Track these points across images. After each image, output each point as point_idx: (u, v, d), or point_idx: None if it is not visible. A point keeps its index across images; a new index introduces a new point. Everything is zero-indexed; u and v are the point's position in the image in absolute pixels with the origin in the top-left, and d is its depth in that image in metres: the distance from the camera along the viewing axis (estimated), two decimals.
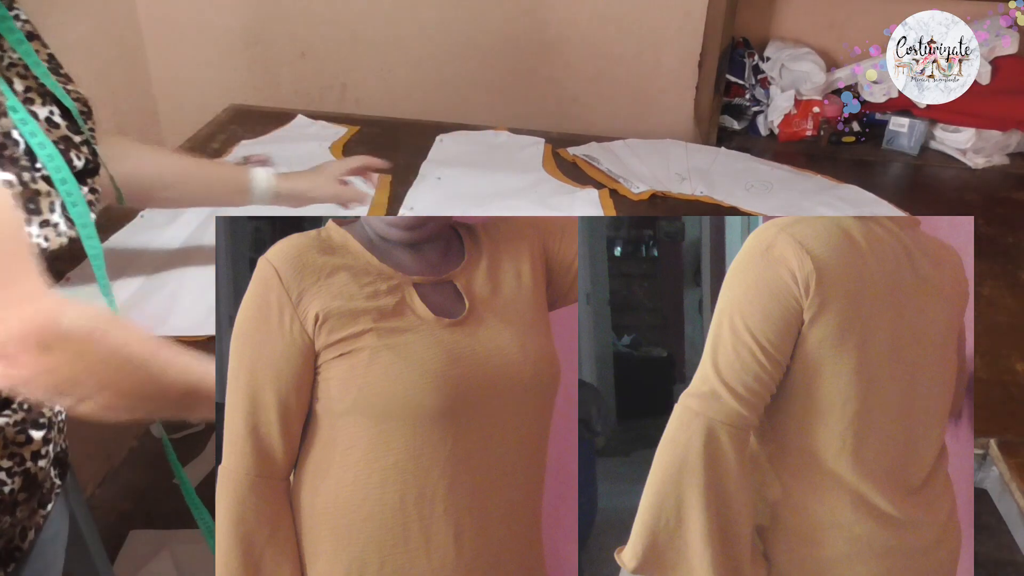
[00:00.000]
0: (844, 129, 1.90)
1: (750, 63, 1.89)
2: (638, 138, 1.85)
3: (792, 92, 1.86)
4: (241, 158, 1.35)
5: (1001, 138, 1.84)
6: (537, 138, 1.82)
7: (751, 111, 1.93)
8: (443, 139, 1.81)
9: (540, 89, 2.00)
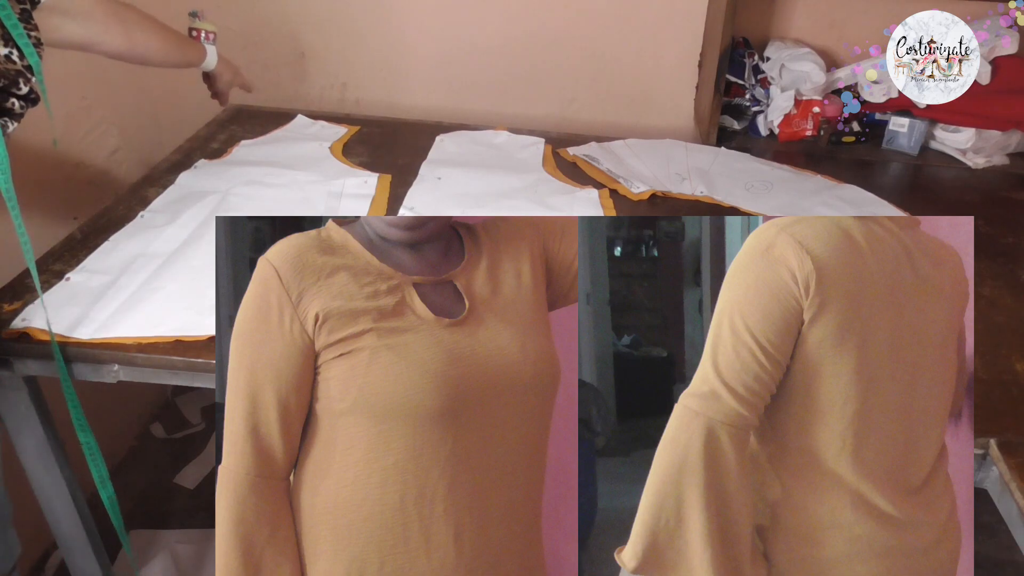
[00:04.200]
0: (844, 129, 1.90)
1: (750, 63, 1.89)
2: (638, 138, 1.86)
3: (792, 92, 1.86)
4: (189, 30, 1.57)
5: (1001, 138, 1.84)
6: (537, 138, 1.83)
7: (751, 111, 1.93)
8: (443, 139, 1.81)
9: (540, 89, 2.00)
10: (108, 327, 1.13)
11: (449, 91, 2.03)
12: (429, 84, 2.03)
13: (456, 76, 2.01)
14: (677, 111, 2.01)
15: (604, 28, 1.92)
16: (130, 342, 1.11)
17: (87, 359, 1.11)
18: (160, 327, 1.14)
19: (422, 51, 1.99)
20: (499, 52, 1.97)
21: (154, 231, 1.37)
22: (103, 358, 1.11)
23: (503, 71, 1.99)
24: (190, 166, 1.62)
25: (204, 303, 1.19)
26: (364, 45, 2.00)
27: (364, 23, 1.97)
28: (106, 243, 1.33)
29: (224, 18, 1.98)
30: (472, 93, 2.03)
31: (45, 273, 1.24)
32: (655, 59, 1.95)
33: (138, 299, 1.19)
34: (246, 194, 1.50)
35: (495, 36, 1.96)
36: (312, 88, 2.06)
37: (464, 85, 2.02)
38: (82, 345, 1.10)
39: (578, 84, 2.00)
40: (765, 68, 1.90)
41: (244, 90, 1.67)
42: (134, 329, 1.13)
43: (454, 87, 2.03)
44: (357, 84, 2.05)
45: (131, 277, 1.24)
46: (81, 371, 1.13)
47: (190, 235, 1.36)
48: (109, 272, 1.25)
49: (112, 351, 1.10)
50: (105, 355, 1.11)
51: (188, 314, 1.17)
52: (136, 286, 1.22)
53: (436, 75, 2.02)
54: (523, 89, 2.01)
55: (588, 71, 1.98)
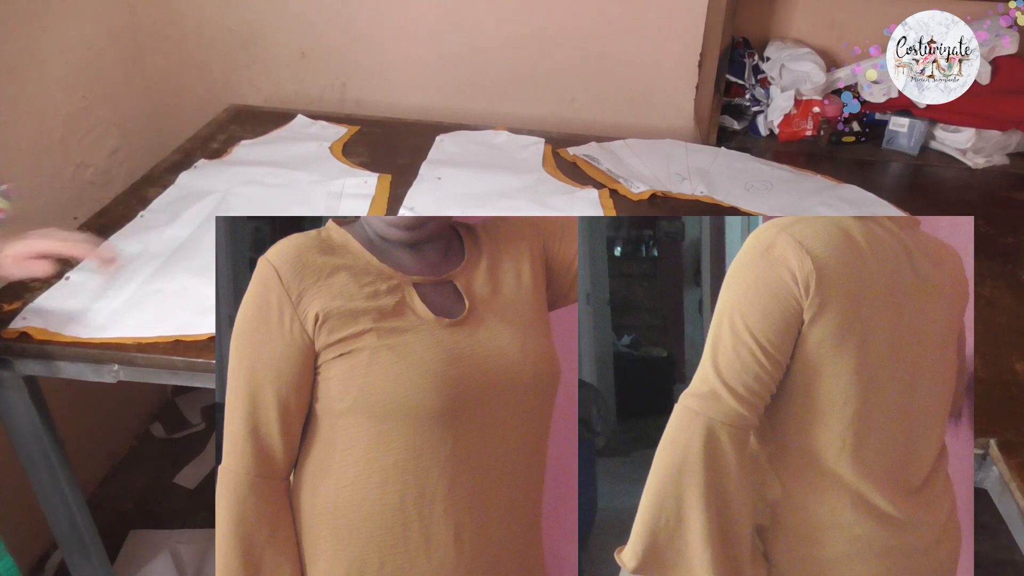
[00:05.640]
0: (844, 129, 1.90)
1: (750, 63, 1.89)
2: (638, 138, 1.85)
3: (792, 92, 1.86)
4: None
5: (1001, 138, 1.84)
6: (537, 138, 1.82)
7: (751, 111, 1.93)
8: (443, 139, 1.81)
9: (540, 89, 2.00)
10: (108, 327, 1.13)
11: (449, 91, 2.03)
12: (429, 84, 2.03)
13: (456, 76, 2.01)
14: (677, 111, 2.01)
15: (604, 28, 1.92)
16: (130, 342, 1.11)
17: (87, 359, 1.11)
18: (160, 327, 1.14)
19: (422, 51, 1.99)
20: (499, 52, 1.97)
21: (154, 231, 1.37)
22: (103, 358, 1.11)
23: (503, 71, 1.99)
24: (190, 166, 1.62)
25: (204, 303, 1.19)
26: (364, 45, 2.00)
27: (364, 23, 1.97)
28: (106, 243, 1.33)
29: (224, 18, 1.99)
30: (472, 93, 2.03)
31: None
32: (655, 59, 1.95)
33: (138, 299, 1.19)
34: (246, 194, 1.50)
35: (495, 36, 1.96)
36: (312, 88, 2.06)
37: (464, 85, 2.02)
38: (82, 345, 1.10)
39: (578, 84, 2.00)
40: (765, 68, 1.90)
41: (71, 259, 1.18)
42: (134, 329, 1.13)
43: (454, 87, 2.03)
44: (357, 84, 2.05)
45: (131, 277, 1.24)
46: (81, 371, 1.13)
47: (190, 235, 1.36)
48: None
49: (112, 351, 1.10)
50: (105, 355, 1.11)
51: (188, 314, 1.17)
52: (136, 286, 1.22)
53: (436, 75, 2.02)
54: (523, 89, 2.01)
55: (588, 71, 1.98)
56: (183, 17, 1.99)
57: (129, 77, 1.95)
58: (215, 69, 2.05)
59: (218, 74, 2.05)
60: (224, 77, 2.06)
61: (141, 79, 2.00)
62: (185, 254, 1.30)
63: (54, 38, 1.66)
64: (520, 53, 1.97)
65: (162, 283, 1.23)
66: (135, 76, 1.98)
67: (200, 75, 2.06)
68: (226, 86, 2.06)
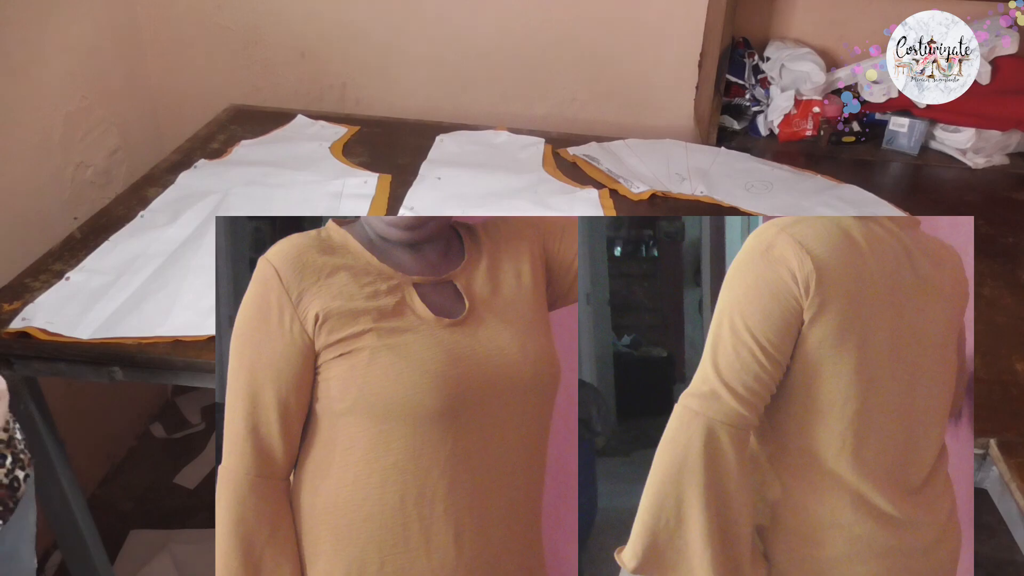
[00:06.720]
0: (844, 129, 1.90)
1: (750, 63, 1.89)
2: (638, 138, 1.85)
3: (792, 92, 1.86)
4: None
5: (1001, 138, 1.84)
6: (537, 138, 1.82)
7: (751, 111, 1.93)
8: (443, 139, 1.81)
9: (540, 89, 2.00)
10: (108, 327, 1.13)
11: (449, 91, 2.03)
12: (429, 84, 2.03)
13: (456, 76, 2.01)
14: (677, 111, 2.01)
15: (604, 28, 1.92)
16: (130, 342, 1.11)
17: (87, 359, 1.11)
18: (160, 327, 1.14)
19: (422, 51, 1.99)
20: (499, 52, 1.97)
21: (154, 231, 1.37)
22: (103, 358, 1.11)
23: (503, 71, 1.99)
24: (190, 166, 1.62)
25: (204, 303, 1.19)
26: (364, 45, 2.00)
27: (364, 23, 1.97)
28: (106, 243, 1.33)
29: (224, 18, 1.99)
30: (472, 93, 2.03)
31: (45, 273, 1.24)
32: (655, 59, 1.95)
33: (138, 299, 1.19)
34: (246, 194, 1.50)
35: (495, 36, 1.96)
36: (312, 88, 2.06)
37: (464, 85, 2.02)
38: (82, 345, 1.10)
39: (578, 84, 2.00)
40: (765, 68, 1.90)
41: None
42: (134, 329, 1.13)
43: (454, 87, 2.03)
44: (357, 84, 2.05)
45: (131, 277, 1.24)
46: (81, 371, 1.13)
47: (190, 235, 1.36)
48: (109, 272, 1.25)
49: (112, 351, 1.10)
50: (105, 355, 1.11)
51: (188, 314, 1.17)
52: (136, 286, 1.22)
53: (436, 75, 2.02)
54: (523, 89, 2.01)
55: (588, 71, 1.98)
56: (183, 17, 1.99)
57: (129, 77, 1.95)
58: (215, 69, 2.05)
59: (218, 74, 2.05)
60: (224, 77, 2.06)
61: (141, 79, 2.00)
62: (185, 254, 1.30)
63: (54, 38, 1.66)
64: (520, 53, 1.97)
65: (162, 283, 1.23)
66: (135, 76, 1.98)
67: (200, 75, 2.05)
68: (226, 86, 2.06)
